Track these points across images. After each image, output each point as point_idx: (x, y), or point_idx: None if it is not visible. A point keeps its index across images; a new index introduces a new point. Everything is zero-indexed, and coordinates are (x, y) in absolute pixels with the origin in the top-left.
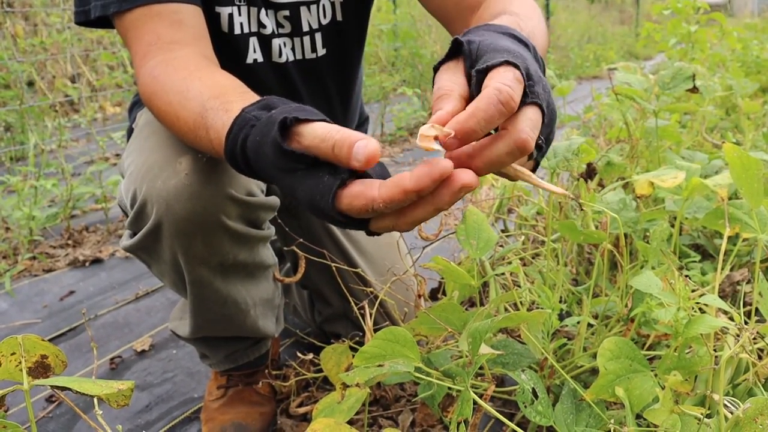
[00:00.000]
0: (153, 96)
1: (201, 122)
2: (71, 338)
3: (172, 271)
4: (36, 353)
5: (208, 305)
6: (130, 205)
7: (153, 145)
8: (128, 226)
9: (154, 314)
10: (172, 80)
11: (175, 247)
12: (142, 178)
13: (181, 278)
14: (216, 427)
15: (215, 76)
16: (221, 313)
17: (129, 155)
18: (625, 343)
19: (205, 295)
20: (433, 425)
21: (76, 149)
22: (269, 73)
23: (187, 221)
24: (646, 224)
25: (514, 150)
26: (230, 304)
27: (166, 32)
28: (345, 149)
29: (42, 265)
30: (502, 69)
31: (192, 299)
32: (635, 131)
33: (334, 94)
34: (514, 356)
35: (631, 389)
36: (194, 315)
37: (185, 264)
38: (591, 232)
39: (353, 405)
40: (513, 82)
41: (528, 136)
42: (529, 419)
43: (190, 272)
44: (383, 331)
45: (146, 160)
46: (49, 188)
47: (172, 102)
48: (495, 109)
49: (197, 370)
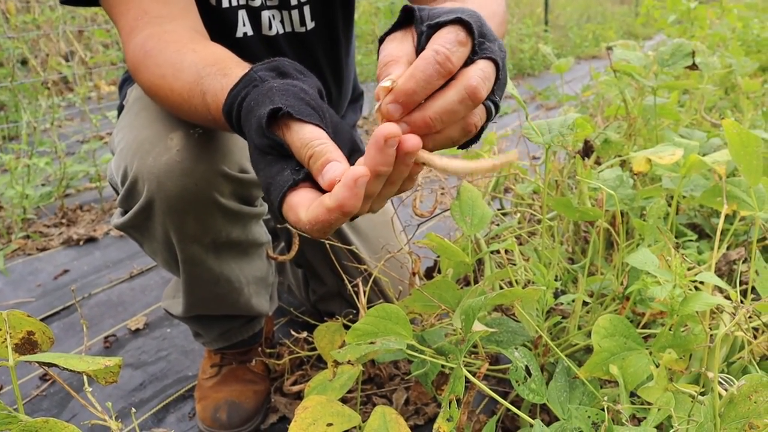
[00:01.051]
0: (144, 69)
1: (197, 89)
2: (65, 317)
3: (165, 249)
4: (22, 329)
5: (201, 284)
6: (120, 182)
7: (143, 121)
8: (119, 204)
9: (148, 293)
10: (164, 53)
11: (167, 224)
12: (133, 154)
13: (174, 257)
14: (210, 404)
15: (210, 48)
16: (214, 292)
17: (119, 132)
18: (619, 320)
19: (198, 273)
20: (427, 403)
21: (70, 128)
22: (260, 47)
23: (179, 198)
24: (643, 202)
25: (465, 97)
26: (223, 283)
27: (153, 6)
28: (318, 164)
29: (36, 244)
30: (446, 30)
31: (185, 278)
32: (633, 109)
33: (325, 66)
34: (508, 334)
35: (625, 367)
36: (187, 294)
37: (177, 242)
38: (587, 209)
39: (345, 382)
40: (452, 43)
41: (478, 83)
42: (523, 397)
43: (183, 250)
44: (376, 308)
45: (137, 136)
46: (42, 167)
47: (165, 75)
48: (433, 69)
49: (191, 349)
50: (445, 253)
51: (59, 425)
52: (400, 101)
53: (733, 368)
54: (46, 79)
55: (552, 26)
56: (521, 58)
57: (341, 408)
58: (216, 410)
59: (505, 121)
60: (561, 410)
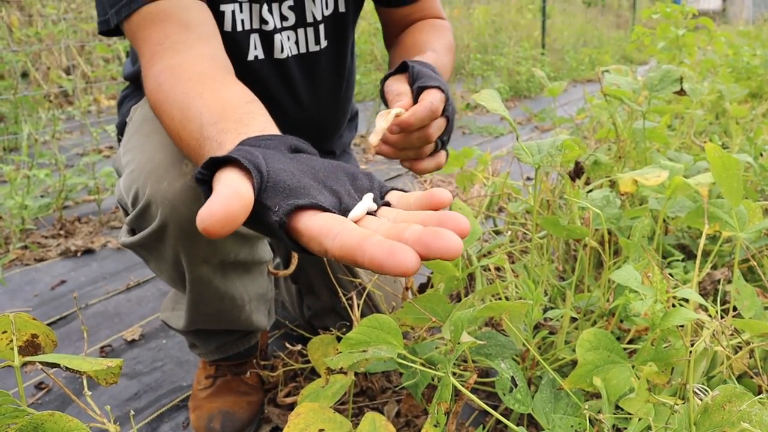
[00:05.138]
0: (158, 106)
1: (199, 151)
2: (62, 326)
3: (172, 269)
4: (27, 332)
5: (207, 301)
6: (131, 203)
7: (156, 144)
8: (129, 224)
9: (144, 304)
10: (175, 93)
11: (178, 247)
12: (146, 178)
13: (181, 276)
14: (204, 414)
15: (218, 92)
16: (218, 309)
17: (128, 151)
18: (603, 334)
19: (204, 292)
20: (417, 416)
21: (70, 141)
22: (269, 70)
23: (193, 223)
24: (630, 222)
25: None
26: (228, 300)
27: (174, 31)
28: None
29: (33, 254)
30: (434, 90)
31: (190, 296)
32: (623, 132)
33: (331, 85)
34: (497, 347)
35: (608, 379)
36: (191, 310)
37: (187, 264)
38: (574, 228)
39: (338, 390)
40: (440, 100)
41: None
42: (509, 407)
43: (192, 271)
44: (368, 318)
45: (150, 159)
46: (42, 178)
47: (174, 118)
48: (428, 114)
49: (186, 360)
50: (437, 267)
51: (64, 419)
52: (402, 126)
53: (713, 382)
54: (48, 92)
55: (549, 49)
56: (518, 81)
57: (333, 415)
58: (210, 420)
59: (501, 142)
60: (546, 420)
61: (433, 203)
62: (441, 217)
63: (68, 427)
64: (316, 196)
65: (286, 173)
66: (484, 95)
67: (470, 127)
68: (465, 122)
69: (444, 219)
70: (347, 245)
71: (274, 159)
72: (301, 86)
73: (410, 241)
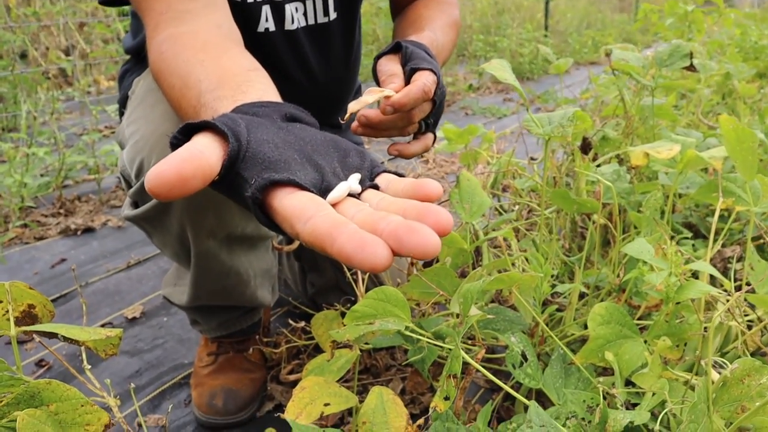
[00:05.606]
0: (159, 75)
1: (196, 117)
2: (62, 304)
3: (177, 242)
4: (23, 302)
5: (211, 277)
6: (135, 175)
7: (161, 115)
8: (132, 196)
9: (145, 282)
10: (176, 62)
11: (184, 220)
12: (151, 148)
13: (185, 250)
14: (206, 392)
15: (219, 59)
16: (223, 285)
17: (132, 123)
18: (615, 308)
19: (210, 267)
20: (423, 393)
21: (69, 120)
22: (279, 41)
23: (201, 195)
24: (640, 197)
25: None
26: (233, 276)
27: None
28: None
29: (33, 232)
30: (426, 72)
31: (195, 270)
32: (631, 108)
33: (340, 58)
34: (505, 323)
35: (620, 354)
36: (195, 286)
37: (193, 237)
38: (584, 201)
39: (343, 365)
40: (432, 82)
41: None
42: (519, 381)
43: (197, 245)
44: (375, 291)
45: (155, 129)
46: (41, 156)
47: (174, 86)
48: (421, 94)
49: (188, 337)
50: (444, 240)
51: (61, 387)
52: (395, 107)
53: (727, 358)
54: (46, 69)
55: (552, 32)
56: (521, 62)
57: (338, 389)
58: (212, 397)
59: (504, 123)
60: (556, 395)
61: (420, 194)
62: (422, 210)
63: (66, 396)
64: (296, 172)
65: (268, 145)
66: (495, 64)
67: (473, 108)
68: (468, 103)
69: (424, 212)
70: (317, 232)
71: (259, 128)
72: (312, 58)
73: (384, 233)
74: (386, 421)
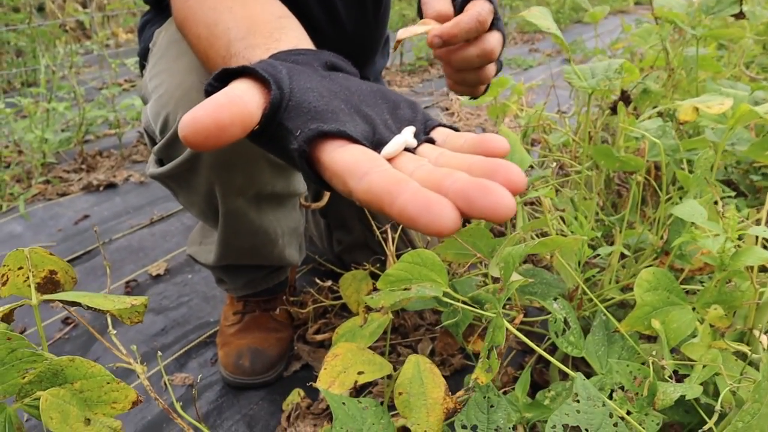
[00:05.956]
0: (184, 24)
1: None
2: (86, 261)
3: (204, 201)
4: (44, 268)
5: (240, 236)
6: (159, 130)
7: (186, 67)
8: (157, 153)
9: (169, 239)
10: (203, 9)
11: (212, 178)
12: (176, 103)
13: (213, 209)
14: (232, 351)
15: (248, 6)
16: (251, 243)
17: (155, 76)
18: (663, 274)
19: (238, 226)
20: (452, 354)
21: (89, 74)
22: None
23: (228, 151)
24: (686, 154)
25: (483, 54)
26: (261, 235)
27: None
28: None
29: (56, 189)
30: (481, 2)
31: (223, 230)
32: (674, 59)
33: (369, 7)
34: (542, 286)
35: (667, 322)
36: (222, 245)
37: (221, 196)
38: (628, 158)
39: (376, 330)
40: (487, 11)
41: (493, 47)
42: (562, 350)
43: (226, 204)
44: (410, 254)
45: (181, 82)
46: (61, 111)
47: (200, 36)
48: (474, 25)
49: (213, 295)
50: None
51: (85, 364)
52: (444, 38)
53: None
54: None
55: None
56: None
57: (372, 356)
58: (239, 357)
59: (531, 74)
60: (599, 364)
61: (485, 150)
62: (491, 166)
63: (90, 373)
64: (346, 123)
65: (313, 93)
66: (535, 12)
67: None
68: None
69: (494, 168)
70: (375, 189)
71: (301, 75)
72: (340, 7)
73: (451, 192)
74: (423, 392)
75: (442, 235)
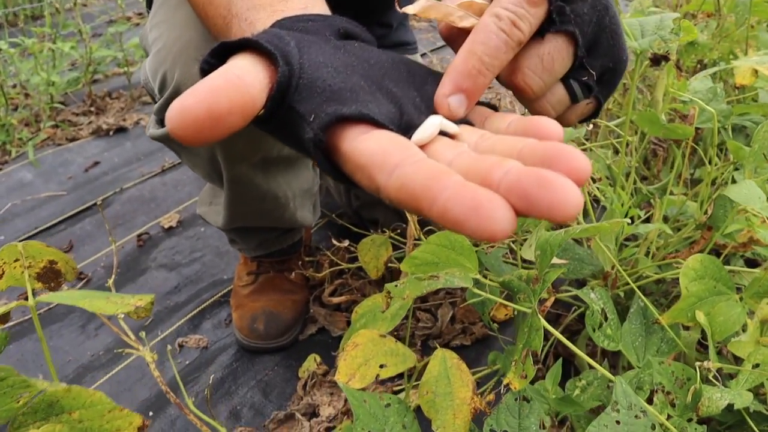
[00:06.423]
0: None
1: (226, 33)
2: (97, 212)
3: (208, 165)
4: (43, 259)
5: (247, 201)
6: (158, 89)
7: (185, 19)
8: (156, 113)
9: (181, 188)
10: None
11: (213, 143)
12: (174, 59)
13: (218, 172)
14: (246, 314)
15: None
16: (260, 208)
17: (155, 27)
18: (711, 261)
19: (244, 192)
20: (474, 322)
21: (97, 7)
22: None
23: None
24: (737, 119)
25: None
26: (270, 199)
27: None
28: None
29: (65, 133)
30: None
31: (228, 195)
32: (724, 4)
33: None
34: (575, 262)
35: (713, 314)
36: (230, 209)
37: (224, 161)
38: (675, 127)
39: (398, 312)
40: (518, 4)
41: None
42: (599, 345)
43: (230, 170)
44: (437, 236)
45: (179, 36)
46: (67, 51)
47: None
48: (498, 40)
49: (226, 250)
50: None
51: (84, 393)
52: (464, 89)
53: None
54: None
55: None
56: None
57: (395, 345)
58: (253, 320)
59: None
60: (636, 357)
61: (537, 134)
62: (549, 152)
63: (90, 402)
64: (368, 104)
65: (327, 69)
66: None
67: None
68: None
69: (554, 154)
70: (411, 186)
71: (312, 48)
72: None
73: (503, 186)
74: (450, 392)
75: (495, 239)
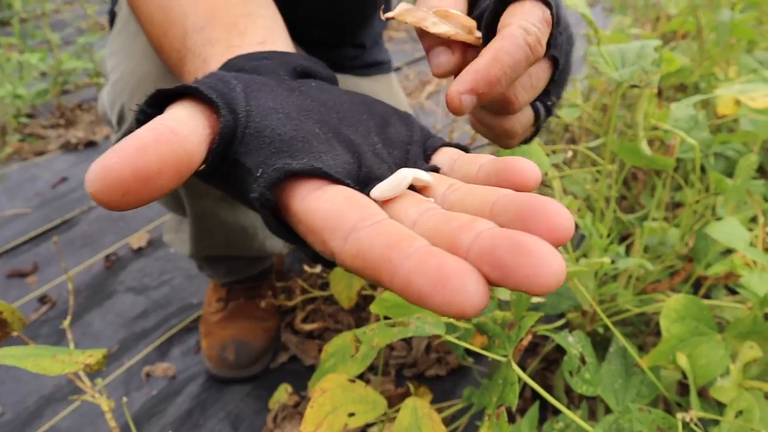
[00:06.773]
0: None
1: (181, 68)
2: (64, 231)
3: (171, 200)
4: None
5: (213, 234)
6: (116, 121)
7: (143, 49)
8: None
9: (151, 206)
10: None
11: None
12: (131, 92)
13: (181, 206)
14: (216, 343)
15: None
16: (226, 240)
17: (113, 54)
18: (692, 301)
19: (209, 225)
20: (449, 351)
21: (71, 13)
22: None
23: None
24: (718, 148)
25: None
26: (237, 231)
27: None
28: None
29: (32, 147)
30: (531, 4)
31: (193, 228)
32: (706, 25)
33: None
34: (553, 296)
35: (695, 357)
36: (195, 242)
37: (187, 197)
38: (656, 158)
39: (368, 353)
40: (541, 23)
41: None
42: (576, 391)
43: (193, 205)
44: None
45: (135, 68)
46: (34, 63)
47: (153, 21)
48: (523, 54)
49: (196, 273)
50: None
51: None
52: (480, 93)
53: None
54: None
55: None
56: None
57: (364, 392)
58: (223, 349)
59: None
60: (615, 400)
61: (512, 180)
62: (526, 207)
63: None
64: (322, 156)
65: (278, 115)
66: None
67: None
68: None
69: (531, 210)
70: (367, 254)
71: (263, 91)
72: None
73: (473, 253)
74: None
75: (464, 316)
